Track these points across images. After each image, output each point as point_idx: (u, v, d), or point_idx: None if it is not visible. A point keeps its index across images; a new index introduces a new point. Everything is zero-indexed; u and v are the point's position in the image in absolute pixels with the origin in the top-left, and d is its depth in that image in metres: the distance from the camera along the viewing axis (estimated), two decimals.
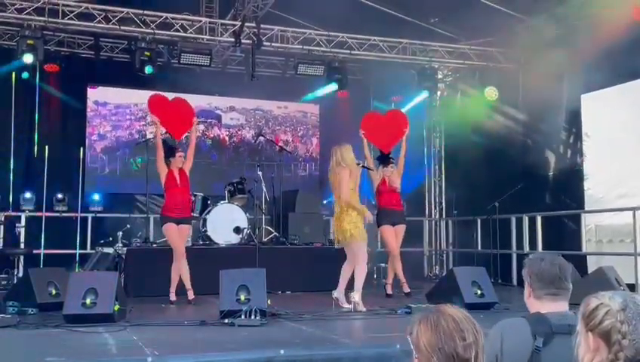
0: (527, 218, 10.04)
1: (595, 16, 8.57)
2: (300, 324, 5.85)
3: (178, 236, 7.56)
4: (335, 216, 7.10)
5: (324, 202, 11.25)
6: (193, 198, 9.37)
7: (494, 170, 10.76)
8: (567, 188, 9.75)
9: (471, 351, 1.70)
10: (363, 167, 7.40)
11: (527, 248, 9.98)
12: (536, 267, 2.51)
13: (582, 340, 1.73)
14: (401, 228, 8.44)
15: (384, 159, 8.53)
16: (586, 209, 9.38)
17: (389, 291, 8.40)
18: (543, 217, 9.78)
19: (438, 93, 12.47)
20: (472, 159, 11.37)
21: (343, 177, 6.86)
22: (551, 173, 9.84)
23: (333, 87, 11.06)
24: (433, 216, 13.00)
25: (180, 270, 7.50)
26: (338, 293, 7.09)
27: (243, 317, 5.58)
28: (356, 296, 6.73)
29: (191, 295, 7.52)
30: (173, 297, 7.47)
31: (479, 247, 11.12)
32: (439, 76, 11.94)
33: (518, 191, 9.82)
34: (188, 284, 7.55)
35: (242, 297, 5.99)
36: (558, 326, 2.31)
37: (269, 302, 6.12)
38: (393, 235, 8.34)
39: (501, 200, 10.01)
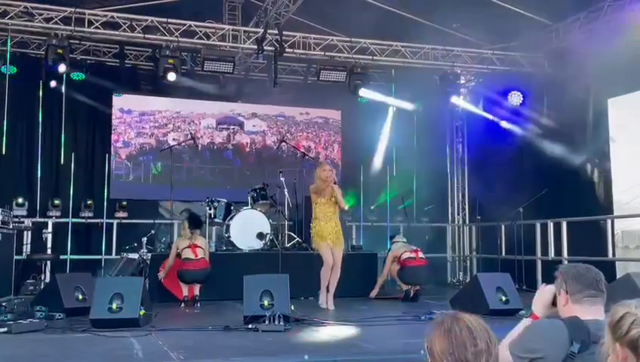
0: (552, 223, 9.92)
1: (621, 18, 8.47)
2: (324, 330, 5.86)
3: None
4: None
5: (346, 208, 11.22)
6: (216, 204, 9.46)
7: (518, 175, 10.65)
8: (593, 194, 9.60)
9: (481, 358, 1.69)
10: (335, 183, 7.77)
11: (552, 254, 9.86)
12: (573, 271, 2.50)
13: (610, 350, 1.72)
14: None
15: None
16: (613, 215, 9.24)
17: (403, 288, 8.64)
18: (569, 223, 9.65)
19: (461, 98, 12.40)
20: (496, 164, 11.27)
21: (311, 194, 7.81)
22: (577, 179, 9.69)
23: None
24: (456, 221, 12.92)
25: None
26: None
27: (267, 322, 5.62)
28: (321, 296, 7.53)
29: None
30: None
31: (503, 253, 11.01)
32: (462, 81, 11.87)
33: (542, 196, 9.71)
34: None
35: (266, 302, 6.02)
36: (595, 336, 2.24)
37: (292, 307, 6.15)
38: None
39: (525, 205, 9.91)
